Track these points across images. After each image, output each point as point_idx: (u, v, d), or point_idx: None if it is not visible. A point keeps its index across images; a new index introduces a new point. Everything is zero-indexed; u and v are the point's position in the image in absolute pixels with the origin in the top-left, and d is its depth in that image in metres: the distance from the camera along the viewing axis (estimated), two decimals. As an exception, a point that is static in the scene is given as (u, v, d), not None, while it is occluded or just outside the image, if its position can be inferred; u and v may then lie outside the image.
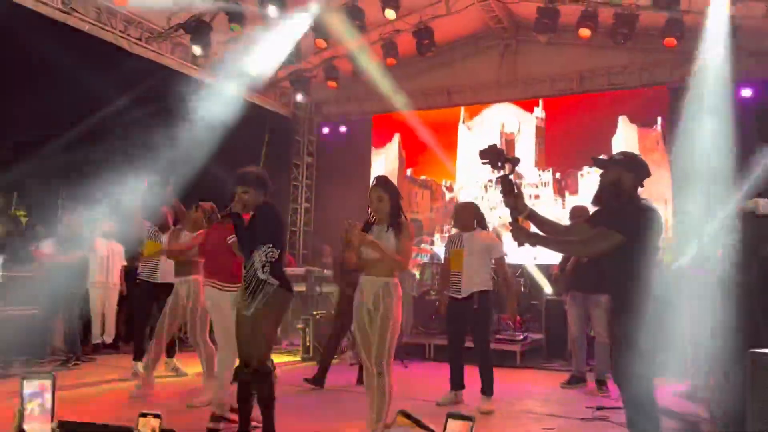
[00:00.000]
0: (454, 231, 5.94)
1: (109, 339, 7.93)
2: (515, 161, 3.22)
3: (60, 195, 6.24)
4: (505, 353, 7.49)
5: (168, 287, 5.69)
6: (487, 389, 5.27)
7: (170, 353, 6.55)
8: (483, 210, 5.75)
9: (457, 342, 5.49)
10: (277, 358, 7.34)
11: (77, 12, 7.91)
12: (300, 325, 8.02)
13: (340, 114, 12.76)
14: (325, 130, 12.99)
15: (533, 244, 3.23)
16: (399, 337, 4.20)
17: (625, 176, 3.23)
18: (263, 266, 3.80)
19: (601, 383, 5.97)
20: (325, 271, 9.31)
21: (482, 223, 5.58)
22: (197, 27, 8.57)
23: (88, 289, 7.53)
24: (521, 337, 7.81)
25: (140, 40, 8.89)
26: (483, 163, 3.26)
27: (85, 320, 7.57)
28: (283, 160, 12.65)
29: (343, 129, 12.75)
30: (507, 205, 3.21)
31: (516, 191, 3.20)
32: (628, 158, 3.34)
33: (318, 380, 6.02)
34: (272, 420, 3.76)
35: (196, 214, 5.42)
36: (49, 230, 7.37)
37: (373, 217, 4.05)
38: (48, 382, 1.98)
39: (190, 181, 7.93)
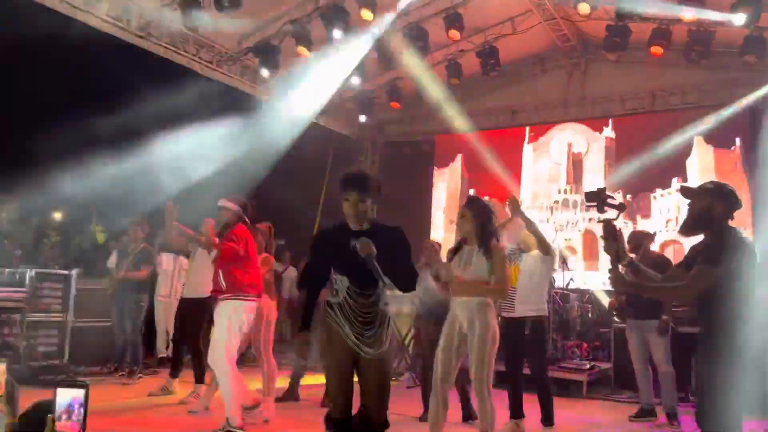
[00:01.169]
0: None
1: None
2: (622, 207, 3.15)
3: (131, 212, 6.46)
4: (571, 383, 7.19)
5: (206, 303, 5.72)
6: (547, 419, 5.05)
7: (174, 373, 6.30)
8: (549, 231, 5.59)
9: (514, 368, 5.28)
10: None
11: (153, 37, 8.28)
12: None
13: (403, 134, 12.77)
14: (388, 150, 13.03)
15: (633, 293, 3.10)
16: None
17: (715, 206, 3.06)
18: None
19: (671, 417, 5.63)
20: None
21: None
22: (265, 50, 8.80)
23: (154, 303, 7.73)
24: (588, 366, 7.50)
25: (211, 63, 9.20)
26: (588, 206, 3.22)
27: (150, 333, 7.76)
28: (346, 180, 12.72)
29: (406, 149, 12.75)
30: (607, 251, 3.09)
31: (618, 237, 3.09)
32: (718, 187, 3.17)
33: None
34: None
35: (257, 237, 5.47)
36: (118, 245, 7.61)
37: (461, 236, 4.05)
38: (81, 392, 1.95)
39: (255, 202, 8.09)
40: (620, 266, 3.10)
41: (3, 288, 6.48)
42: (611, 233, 3.05)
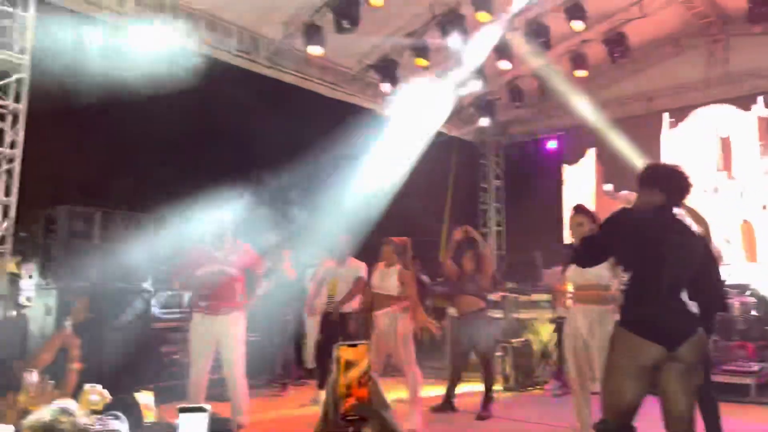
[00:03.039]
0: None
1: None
2: None
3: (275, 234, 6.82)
4: (736, 386, 6.57)
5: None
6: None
7: (321, 384, 6.41)
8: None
9: None
10: (476, 387, 7.27)
11: (280, 66, 8.73)
12: (499, 353, 7.83)
13: (528, 133, 12.45)
14: (513, 152, 12.75)
15: None
16: None
17: None
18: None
19: None
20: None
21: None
22: (385, 66, 8.97)
23: (303, 316, 8.07)
24: (756, 368, 6.81)
25: (335, 84, 9.53)
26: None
27: (299, 346, 8.10)
28: (471, 186, 12.66)
29: (531, 149, 12.41)
30: None
31: None
32: None
33: None
34: None
35: (386, 248, 5.59)
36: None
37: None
38: (204, 416, 1.93)
39: (382, 215, 8.25)
40: None
41: (167, 309, 7.09)
42: None
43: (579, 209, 4.14)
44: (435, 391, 6.65)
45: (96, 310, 4.14)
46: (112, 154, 6.77)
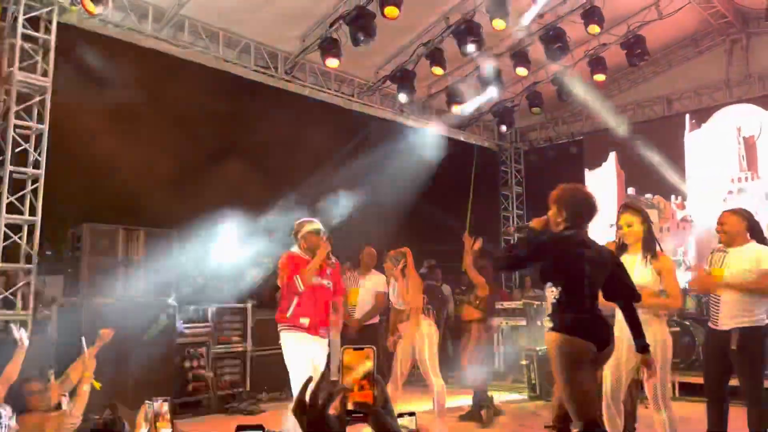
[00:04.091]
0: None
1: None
2: None
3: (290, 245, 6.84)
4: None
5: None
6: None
7: None
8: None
9: (713, 382, 4.43)
10: (504, 396, 7.20)
11: (298, 79, 8.80)
12: (524, 361, 7.75)
13: (547, 139, 12.37)
14: (533, 158, 12.67)
15: None
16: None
17: None
18: None
19: None
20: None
21: (758, 234, 4.23)
22: (401, 76, 8.98)
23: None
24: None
25: (352, 95, 9.57)
26: None
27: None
28: (492, 193, 12.59)
29: (551, 154, 12.32)
30: None
31: None
32: None
33: None
34: None
35: (386, 264, 5.60)
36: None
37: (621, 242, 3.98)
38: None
39: (403, 223, 8.22)
40: None
41: (191, 324, 7.14)
42: None
43: (626, 206, 4.13)
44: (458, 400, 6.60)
45: (121, 326, 4.17)
46: (136, 170, 6.87)
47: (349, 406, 1.23)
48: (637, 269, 3.82)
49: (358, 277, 6.50)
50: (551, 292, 3.87)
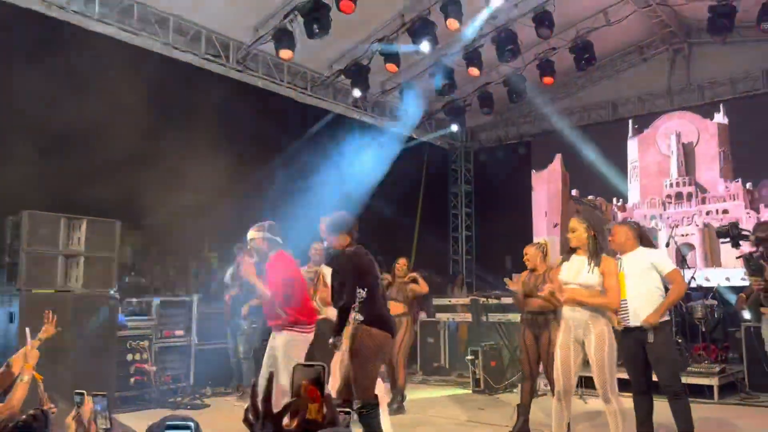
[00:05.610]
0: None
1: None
2: (762, 240, 3.10)
3: (237, 239, 6.73)
4: (700, 387, 6.72)
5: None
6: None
7: None
8: (663, 227, 5.26)
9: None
10: (448, 391, 7.30)
11: (250, 69, 8.68)
12: (469, 357, 7.88)
13: (497, 140, 12.60)
14: (482, 157, 12.88)
15: None
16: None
17: None
18: None
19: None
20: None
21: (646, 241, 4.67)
22: (356, 71, 8.97)
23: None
24: (718, 369, 6.98)
25: (306, 89, 9.50)
26: (722, 242, 3.21)
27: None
28: (442, 191, 12.75)
29: (500, 154, 12.55)
30: (760, 287, 2.99)
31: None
32: None
33: None
34: None
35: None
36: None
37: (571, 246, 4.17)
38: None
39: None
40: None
41: (133, 317, 6.97)
42: (757, 268, 2.94)
43: (576, 212, 4.46)
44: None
45: (60, 317, 4.03)
46: (80, 162, 6.62)
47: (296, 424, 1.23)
48: (584, 271, 4.05)
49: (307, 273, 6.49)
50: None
